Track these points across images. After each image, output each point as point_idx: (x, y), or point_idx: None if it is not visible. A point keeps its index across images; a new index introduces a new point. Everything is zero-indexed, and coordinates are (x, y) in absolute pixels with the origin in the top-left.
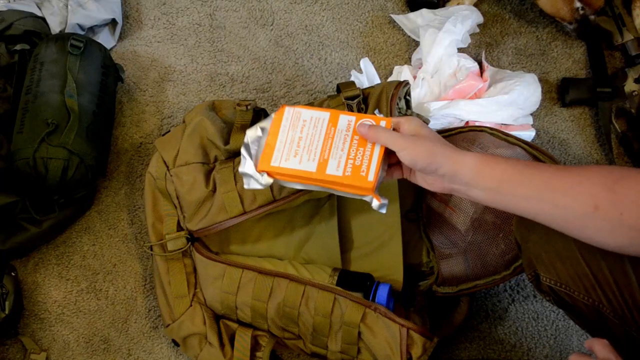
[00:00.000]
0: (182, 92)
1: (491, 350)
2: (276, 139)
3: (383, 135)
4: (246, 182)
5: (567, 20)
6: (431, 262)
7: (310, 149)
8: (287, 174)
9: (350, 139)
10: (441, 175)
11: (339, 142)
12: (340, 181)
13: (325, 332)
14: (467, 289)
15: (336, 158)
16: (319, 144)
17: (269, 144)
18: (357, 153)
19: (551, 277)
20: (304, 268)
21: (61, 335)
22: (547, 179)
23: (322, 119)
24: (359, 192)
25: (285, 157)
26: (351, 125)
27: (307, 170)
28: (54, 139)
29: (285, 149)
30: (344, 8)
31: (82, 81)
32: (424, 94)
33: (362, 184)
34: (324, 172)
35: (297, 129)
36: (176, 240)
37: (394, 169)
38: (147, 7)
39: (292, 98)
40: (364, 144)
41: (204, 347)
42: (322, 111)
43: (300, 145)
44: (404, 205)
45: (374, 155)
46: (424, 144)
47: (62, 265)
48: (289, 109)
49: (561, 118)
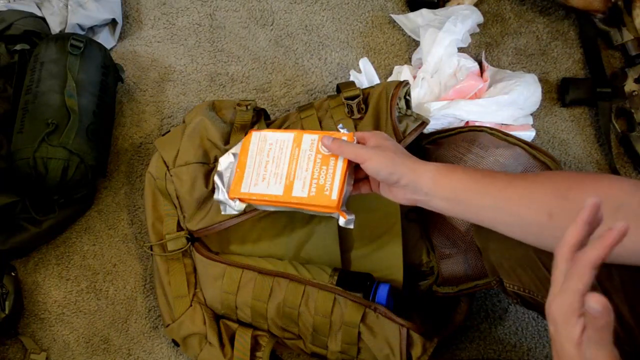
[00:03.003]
0: (182, 92)
1: (491, 350)
2: (245, 165)
3: (346, 148)
4: (222, 208)
5: (601, 10)
6: (431, 262)
7: (277, 172)
8: (256, 199)
9: (314, 157)
10: (403, 186)
11: (303, 163)
12: (306, 202)
13: (325, 332)
14: (467, 289)
15: (301, 179)
16: (284, 167)
17: (239, 170)
18: (320, 172)
19: (514, 283)
20: (304, 268)
21: (61, 335)
22: (502, 188)
23: (287, 141)
24: (326, 210)
25: (254, 182)
26: (314, 144)
27: (275, 194)
28: (54, 139)
29: (253, 174)
30: (344, 8)
31: (82, 81)
32: (423, 93)
33: (326, 203)
34: (290, 195)
35: (264, 152)
36: (176, 240)
37: (362, 184)
38: (147, 7)
39: (292, 98)
40: (326, 162)
41: (204, 347)
42: (287, 133)
43: (267, 169)
44: (405, 205)
45: (336, 172)
46: (387, 154)
47: (62, 265)
48: (255, 133)
49: (561, 118)
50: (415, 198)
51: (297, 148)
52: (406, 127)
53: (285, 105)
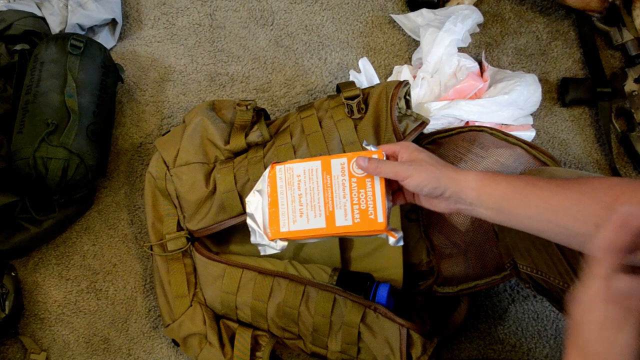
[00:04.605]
0: (182, 92)
1: (491, 350)
2: (277, 202)
3: (384, 168)
4: (262, 250)
5: (598, 10)
6: (431, 262)
7: (313, 204)
8: (299, 236)
9: (349, 183)
10: (447, 197)
11: (338, 190)
12: (352, 230)
13: (325, 332)
14: (467, 289)
15: (341, 207)
16: (319, 197)
17: (272, 209)
18: (359, 197)
19: (527, 264)
20: (304, 268)
21: (61, 335)
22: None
23: (315, 169)
24: (373, 234)
25: (292, 219)
26: (345, 168)
27: (318, 228)
28: (54, 139)
29: (289, 211)
30: (344, 8)
31: (82, 81)
32: (423, 93)
33: (374, 227)
34: (334, 225)
35: (293, 186)
36: (176, 240)
37: (397, 196)
38: (147, 7)
39: (292, 98)
40: (363, 184)
41: (204, 347)
42: (312, 161)
43: (302, 203)
44: (405, 205)
45: (376, 194)
46: (427, 169)
47: (62, 265)
48: (279, 167)
49: (561, 118)
50: (458, 207)
51: (328, 175)
52: (406, 127)
53: (285, 105)
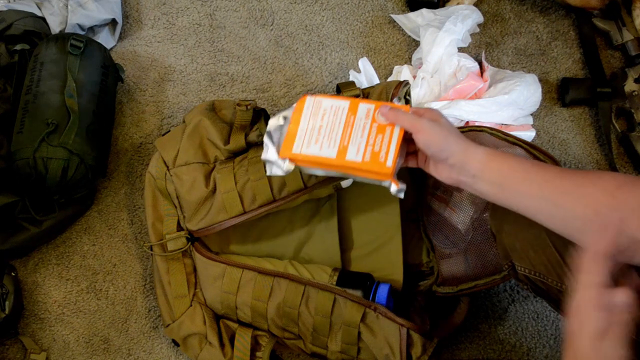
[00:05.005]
0: (182, 92)
1: (491, 350)
2: (298, 127)
3: (402, 117)
4: (268, 168)
5: (597, 7)
6: (431, 262)
7: (331, 136)
8: (308, 160)
9: (370, 126)
10: (451, 164)
11: (358, 129)
12: (359, 167)
13: (325, 332)
14: (467, 289)
15: (355, 144)
16: (339, 131)
17: (291, 131)
18: (376, 139)
19: (525, 265)
20: (304, 268)
21: (61, 335)
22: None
23: (342, 108)
24: (378, 177)
25: (306, 144)
26: (370, 113)
27: (328, 157)
28: (54, 139)
29: (306, 136)
30: (344, 8)
31: (82, 81)
32: (423, 93)
33: (380, 170)
34: (343, 158)
35: (317, 117)
36: (176, 240)
37: (409, 158)
38: (147, 7)
39: (292, 98)
40: (382, 130)
41: (204, 347)
42: (342, 100)
43: (321, 133)
44: (405, 205)
45: (392, 141)
46: (441, 130)
47: (62, 265)
48: (310, 98)
49: (561, 118)
50: (460, 179)
51: (353, 115)
52: None
53: (285, 105)
